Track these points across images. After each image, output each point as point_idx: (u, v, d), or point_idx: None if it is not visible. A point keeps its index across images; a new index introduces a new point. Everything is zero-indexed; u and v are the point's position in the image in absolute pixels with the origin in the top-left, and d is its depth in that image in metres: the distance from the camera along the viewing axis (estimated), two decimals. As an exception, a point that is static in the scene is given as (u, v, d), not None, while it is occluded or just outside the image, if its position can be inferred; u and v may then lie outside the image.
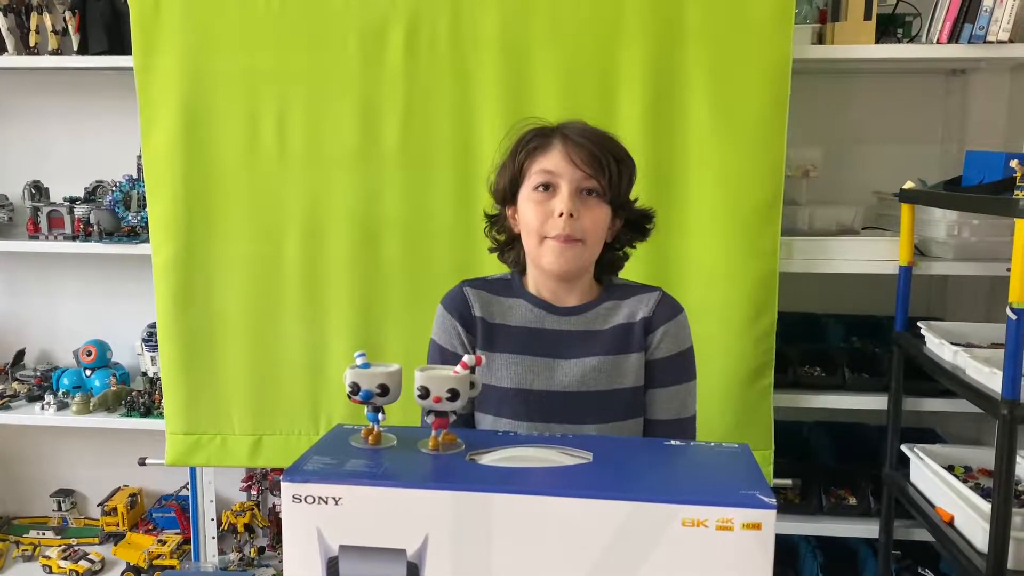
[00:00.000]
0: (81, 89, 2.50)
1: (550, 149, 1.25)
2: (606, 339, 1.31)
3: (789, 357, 2.11)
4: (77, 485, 2.74)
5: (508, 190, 1.30)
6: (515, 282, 1.36)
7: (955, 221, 1.99)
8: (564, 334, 1.31)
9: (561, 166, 1.24)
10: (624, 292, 1.35)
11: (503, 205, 1.34)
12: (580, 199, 1.24)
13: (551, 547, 0.85)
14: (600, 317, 1.32)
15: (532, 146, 1.27)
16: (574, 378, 1.29)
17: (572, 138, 1.24)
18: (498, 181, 1.32)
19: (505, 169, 1.30)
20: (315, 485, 0.88)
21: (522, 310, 1.33)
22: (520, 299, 1.34)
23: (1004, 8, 1.84)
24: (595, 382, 1.29)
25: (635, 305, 1.32)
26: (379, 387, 0.97)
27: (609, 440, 1.04)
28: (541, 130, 1.28)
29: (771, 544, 0.83)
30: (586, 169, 1.23)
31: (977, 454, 1.93)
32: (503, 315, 1.33)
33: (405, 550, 0.87)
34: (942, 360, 1.76)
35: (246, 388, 2.11)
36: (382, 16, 1.94)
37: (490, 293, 1.35)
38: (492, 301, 1.34)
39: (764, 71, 1.86)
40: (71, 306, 2.65)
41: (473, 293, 1.34)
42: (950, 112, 2.32)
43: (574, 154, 1.23)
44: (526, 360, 1.30)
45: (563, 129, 1.27)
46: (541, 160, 1.26)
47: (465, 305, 1.33)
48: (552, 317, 1.32)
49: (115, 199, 2.30)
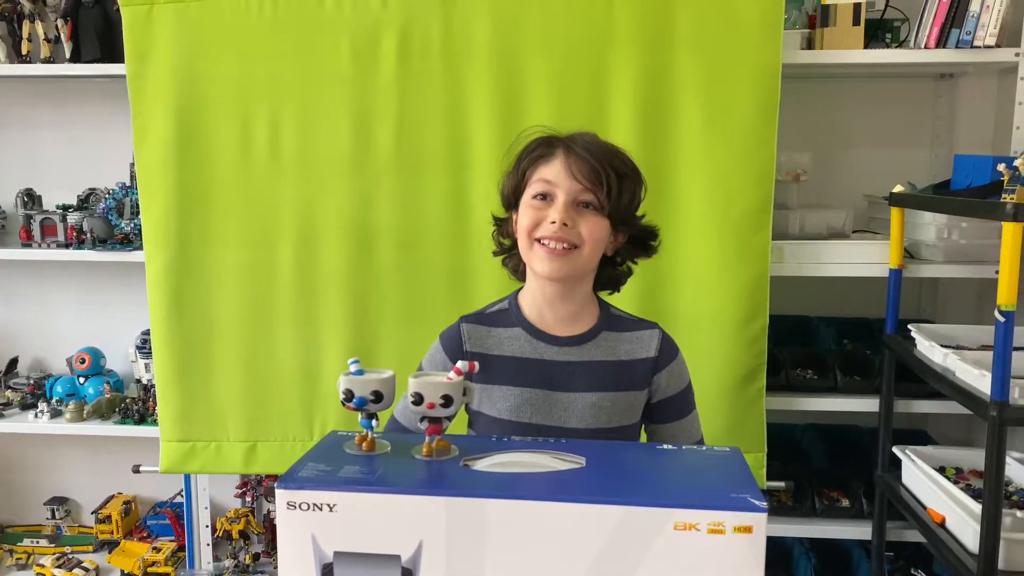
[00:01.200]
0: (73, 97, 2.51)
1: (552, 159, 1.25)
2: (606, 374, 1.29)
3: (781, 360, 2.12)
4: (71, 493, 2.74)
5: (512, 196, 1.31)
6: (512, 310, 1.34)
7: (945, 224, 2.00)
8: (562, 365, 1.29)
9: (559, 177, 1.23)
10: (622, 324, 1.33)
11: (508, 210, 1.34)
12: (576, 211, 1.23)
13: (545, 552, 0.86)
14: (600, 349, 1.31)
15: (536, 155, 1.27)
16: (573, 413, 1.28)
17: (575, 150, 1.24)
18: (504, 186, 1.32)
19: (510, 175, 1.30)
20: (310, 492, 0.88)
21: (520, 340, 1.31)
22: (517, 328, 1.32)
23: (991, 13, 1.86)
24: (594, 419, 1.28)
25: (635, 343, 1.32)
26: (373, 394, 0.98)
27: (602, 445, 1.05)
28: (547, 139, 1.28)
29: (762, 547, 0.84)
30: (583, 182, 1.22)
31: (968, 455, 1.94)
32: (499, 346, 1.31)
33: (400, 556, 0.87)
34: (932, 362, 1.78)
35: (240, 395, 2.11)
36: (374, 23, 1.95)
37: (486, 325, 1.34)
38: (488, 333, 1.33)
39: (754, 76, 1.88)
40: (64, 314, 2.65)
41: (468, 328, 1.33)
42: (939, 116, 2.33)
43: (574, 166, 1.22)
44: (524, 392, 1.28)
45: (569, 140, 1.26)
46: (542, 169, 1.25)
47: (458, 341, 1.32)
48: (550, 348, 1.30)
49: (108, 206, 2.30)
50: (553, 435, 1.25)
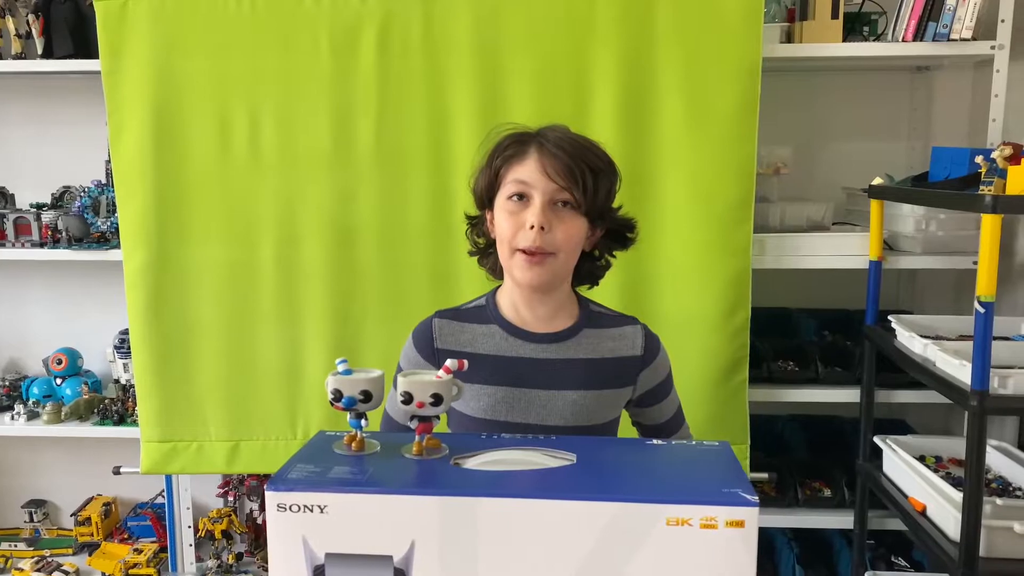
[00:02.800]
0: (45, 93, 2.46)
1: (525, 158, 1.22)
2: (588, 372, 1.27)
3: (762, 352, 2.13)
4: (48, 495, 2.70)
5: (485, 195, 1.28)
6: (489, 307, 1.31)
7: (923, 216, 2.03)
8: (539, 363, 1.27)
9: (535, 177, 1.20)
10: (603, 321, 1.31)
11: (481, 209, 1.32)
12: (553, 211, 1.21)
13: (538, 549, 0.86)
14: (580, 346, 1.28)
15: (508, 153, 1.24)
16: (552, 411, 1.26)
17: (548, 148, 1.21)
18: (476, 185, 1.30)
19: (483, 174, 1.27)
20: (300, 494, 0.88)
21: (495, 338, 1.28)
22: (493, 325, 1.29)
23: (967, 7, 1.88)
24: (574, 417, 1.26)
25: (619, 340, 1.30)
26: (362, 393, 0.97)
27: (592, 441, 1.05)
28: (519, 136, 1.25)
29: (754, 541, 0.85)
30: (559, 181, 1.19)
31: (947, 444, 1.97)
32: (473, 343, 1.28)
33: (392, 556, 0.87)
34: (912, 353, 1.80)
35: (222, 394, 2.09)
36: (354, 18, 1.93)
37: (460, 321, 1.30)
38: (461, 330, 1.29)
39: (735, 70, 1.88)
40: (39, 314, 2.61)
41: (440, 324, 1.30)
42: (915, 108, 2.36)
43: (548, 165, 1.20)
44: (500, 391, 1.26)
45: (541, 137, 1.23)
46: (516, 169, 1.23)
47: (428, 337, 1.29)
48: (527, 345, 1.27)
49: (84, 205, 2.27)
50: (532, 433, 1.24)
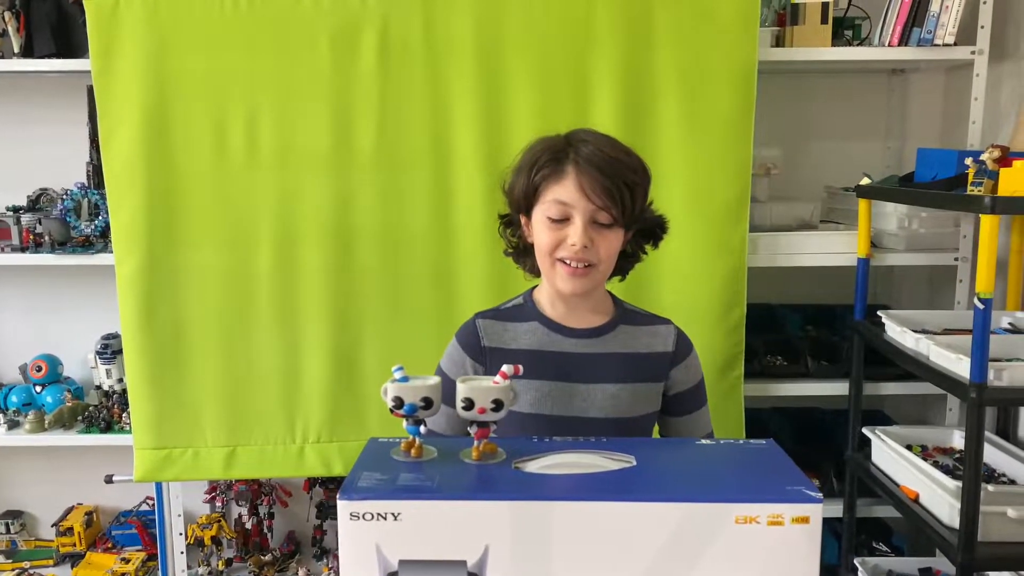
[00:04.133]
0: (21, 93, 2.38)
1: (563, 178, 1.24)
2: (625, 365, 1.32)
3: (753, 348, 2.19)
4: (24, 506, 2.62)
5: (522, 202, 1.30)
6: (528, 305, 1.36)
7: (906, 214, 2.10)
8: (579, 356, 1.31)
9: (575, 198, 1.23)
10: (636, 319, 1.37)
11: (517, 214, 1.34)
12: (594, 229, 1.25)
13: (609, 550, 0.88)
14: (616, 341, 1.34)
15: (546, 171, 1.25)
16: (593, 403, 1.31)
17: (585, 168, 1.23)
18: (513, 189, 1.32)
19: (519, 180, 1.29)
20: (373, 502, 0.88)
21: (537, 333, 1.33)
22: (534, 322, 1.34)
23: (950, 13, 1.96)
24: (614, 409, 1.31)
25: (653, 336, 1.36)
26: (423, 400, 0.98)
27: (646, 442, 1.08)
28: (554, 151, 1.26)
29: (818, 537, 0.88)
30: (598, 201, 1.23)
31: (931, 433, 2.04)
32: (516, 340, 1.33)
33: (465, 561, 0.88)
34: (904, 347, 1.86)
35: (219, 399, 2.06)
36: (354, 18, 1.92)
37: (502, 320, 1.35)
38: (504, 328, 1.34)
39: (731, 73, 1.93)
40: (13, 320, 2.53)
41: (484, 324, 1.35)
42: (892, 110, 2.44)
43: (587, 186, 1.22)
44: (544, 385, 1.30)
45: (575, 151, 1.24)
46: (555, 189, 1.25)
47: (476, 337, 1.34)
48: (568, 340, 1.32)
49: (67, 207, 2.21)
50: (573, 425, 1.29)
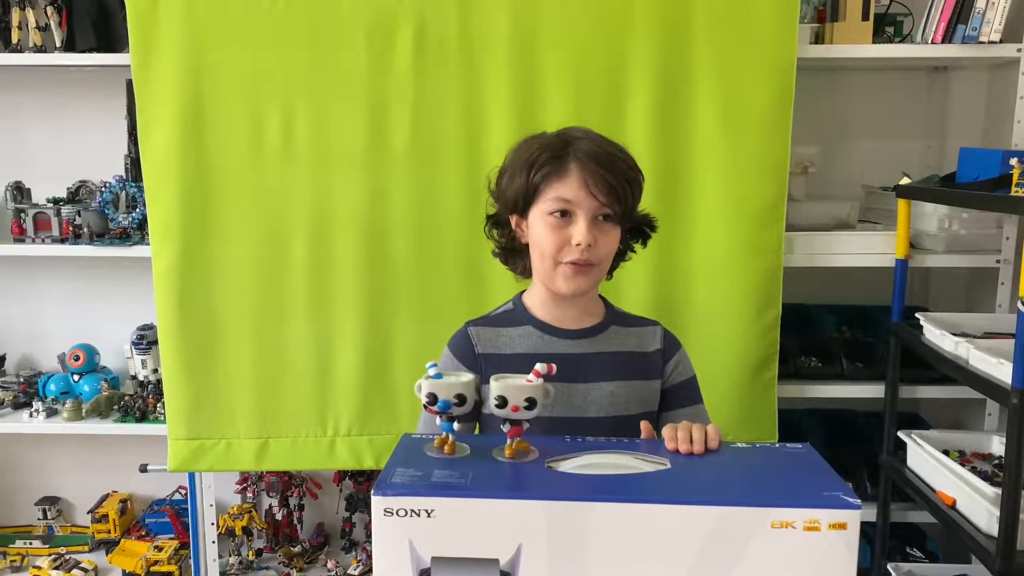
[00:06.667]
0: (63, 87, 2.42)
1: (566, 175, 1.25)
2: (620, 364, 1.34)
3: (788, 348, 2.16)
4: (61, 492, 2.67)
5: (518, 203, 1.30)
6: (518, 309, 1.37)
7: (946, 215, 2.06)
8: (575, 357, 1.32)
9: (579, 195, 1.24)
10: (626, 320, 1.39)
11: (508, 214, 1.34)
12: (596, 225, 1.26)
13: (645, 552, 0.87)
14: (609, 340, 1.35)
15: (547, 170, 1.25)
16: (591, 403, 1.31)
17: (587, 164, 1.24)
18: (504, 189, 1.31)
19: (513, 180, 1.29)
20: (407, 498, 0.88)
21: (531, 337, 1.34)
22: (527, 326, 1.35)
23: (996, 10, 1.91)
24: (613, 407, 1.32)
25: (642, 337, 1.38)
26: (456, 397, 0.98)
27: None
28: (553, 149, 1.26)
29: (856, 543, 0.87)
30: (603, 198, 1.24)
31: (968, 438, 2.00)
32: (511, 345, 1.34)
33: (498, 560, 0.88)
34: (943, 350, 1.83)
35: (251, 391, 2.08)
36: (390, 14, 1.92)
37: (494, 327, 1.36)
38: (497, 334, 1.35)
39: (770, 70, 1.90)
40: (53, 310, 2.58)
41: (476, 331, 1.35)
42: (932, 108, 2.39)
43: (591, 183, 1.23)
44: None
45: (574, 149, 1.25)
46: (557, 186, 1.25)
47: (469, 345, 1.34)
48: (562, 342, 1.33)
49: (105, 199, 2.24)
50: (573, 425, 1.28)
